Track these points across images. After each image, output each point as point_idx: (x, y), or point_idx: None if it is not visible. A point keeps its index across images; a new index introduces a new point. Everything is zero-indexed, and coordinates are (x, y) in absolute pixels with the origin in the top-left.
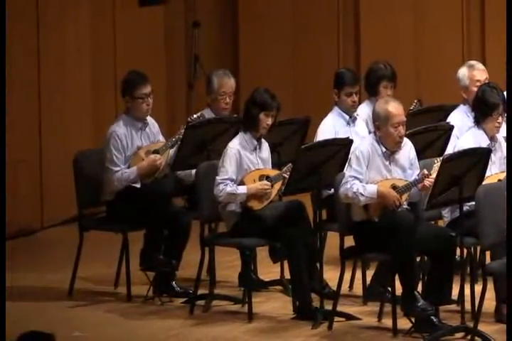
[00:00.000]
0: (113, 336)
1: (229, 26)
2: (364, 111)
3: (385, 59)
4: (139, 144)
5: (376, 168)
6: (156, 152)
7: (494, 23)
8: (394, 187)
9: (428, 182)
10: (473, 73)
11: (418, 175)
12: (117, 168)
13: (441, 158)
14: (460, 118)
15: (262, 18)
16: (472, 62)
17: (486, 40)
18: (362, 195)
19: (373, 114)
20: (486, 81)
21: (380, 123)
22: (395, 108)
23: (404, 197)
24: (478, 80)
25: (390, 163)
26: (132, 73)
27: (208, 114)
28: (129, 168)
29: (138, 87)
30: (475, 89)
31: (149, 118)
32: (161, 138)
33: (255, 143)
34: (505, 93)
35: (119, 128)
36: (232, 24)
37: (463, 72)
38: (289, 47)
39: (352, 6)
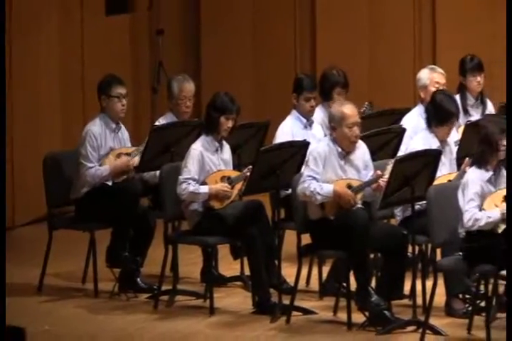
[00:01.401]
0: (81, 330)
1: (191, 33)
2: (318, 115)
3: (340, 64)
4: (111, 145)
5: (332, 168)
6: (127, 155)
7: (445, 30)
8: (349, 186)
9: (382, 182)
10: (434, 75)
11: (372, 175)
12: (91, 164)
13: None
14: (416, 118)
15: (224, 25)
16: (433, 65)
17: (436, 47)
18: (319, 193)
19: (329, 115)
20: (444, 86)
21: (335, 124)
22: (349, 109)
23: (359, 196)
24: (437, 82)
25: (345, 164)
26: (110, 75)
27: (170, 118)
28: (100, 166)
29: (114, 86)
30: (433, 89)
31: (122, 125)
32: (129, 144)
33: (217, 145)
34: (457, 97)
35: (95, 127)
36: (194, 31)
37: (424, 72)
38: (249, 54)
39: (308, 13)
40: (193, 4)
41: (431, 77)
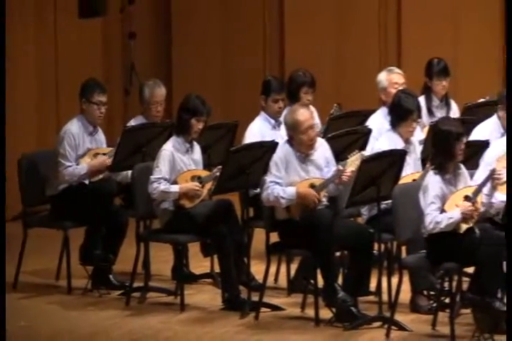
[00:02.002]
0: (55, 325)
1: (162, 37)
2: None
3: (307, 66)
4: (89, 146)
5: (294, 170)
6: (104, 155)
7: (410, 31)
8: (312, 186)
9: (344, 176)
10: (392, 76)
11: (334, 171)
12: (69, 163)
13: (356, 151)
14: (379, 120)
15: (194, 28)
16: (391, 67)
17: (402, 49)
18: (282, 197)
19: (284, 124)
20: (404, 85)
21: (290, 132)
22: (301, 115)
23: (322, 193)
24: (396, 83)
25: (306, 165)
26: (94, 80)
27: (140, 120)
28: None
29: (96, 93)
30: (393, 91)
31: (99, 128)
32: (105, 145)
33: (187, 145)
34: (420, 99)
35: (73, 127)
36: (165, 35)
37: (382, 75)
38: (218, 56)
39: (277, 16)
40: (164, 8)
41: (389, 79)
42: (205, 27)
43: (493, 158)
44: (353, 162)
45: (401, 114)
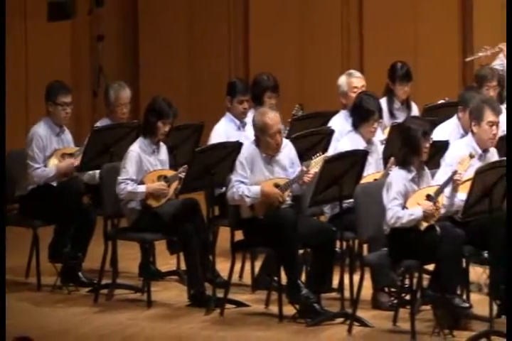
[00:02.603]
0: (25, 322)
1: (130, 40)
2: (251, 118)
3: (271, 68)
4: (56, 147)
5: (259, 170)
6: (71, 156)
7: (372, 36)
8: (276, 185)
9: (307, 177)
10: (352, 80)
11: (298, 172)
12: (38, 165)
13: (319, 153)
14: (340, 122)
15: (160, 31)
16: (351, 70)
17: (363, 52)
18: (247, 196)
19: (253, 124)
20: (363, 88)
21: (258, 133)
22: (270, 119)
23: (286, 193)
24: (355, 87)
25: (271, 165)
26: (58, 82)
27: (106, 123)
28: (45, 167)
29: (61, 95)
30: (353, 94)
31: (65, 128)
32: (73, 145)
33: (154, 147)
34: (382, 100)
35: (40, 130)
36: (132, 38)
37: (342, 79)
38: (184, 58)
39: (242, 20)
40: (131, 11)
41: (349, 83)
42: (171, 30)
43: (454, 159)
44: (317, 163)
45: (363, 115)
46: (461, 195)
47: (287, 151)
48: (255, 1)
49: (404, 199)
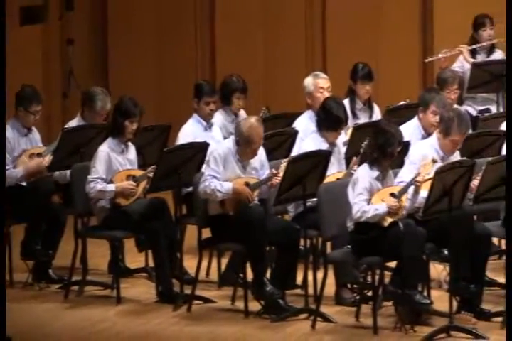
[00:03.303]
0: None
1: (99, 43)
2: (219, 118)
3: (237, 70)
4: (24, 147)
5: (231, 169)
6: (39, 155)
7: (334, 37)
8: (247, 184)
9: (275, 180)
10: (318, 81)
11: (267, 174)
12: (7, 167)
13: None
14: (305, 122)
15: (129, 34)
16: (317, 72)
17: (327, 53)
18: (219, 191)
19: (237, 129)
20: (329, 89)
21: (240, 140)
22: (257, 135)
23: (256, 193)
24: (321, 87)
25: (243, 166)
26: (31, 88)
27: (79, 121)
28: (14, 168)
29: (34, 104)
30: (319, 95)
31: (33, 128)
32: (41, 145)
33: (122, 146)
34: (344, 101)
35: (8, 132)
36: (102, 41)
37: (308, 80)
38: (152, 61)
39: (208, 23)
40: (101, 16)
41: (315, 83)
42: (139, 33)
43: (417, 157)
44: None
45: (331, 123)
46: (424, 193)
47: (259, 154)
48: (221, 4)
49: (369, 195)
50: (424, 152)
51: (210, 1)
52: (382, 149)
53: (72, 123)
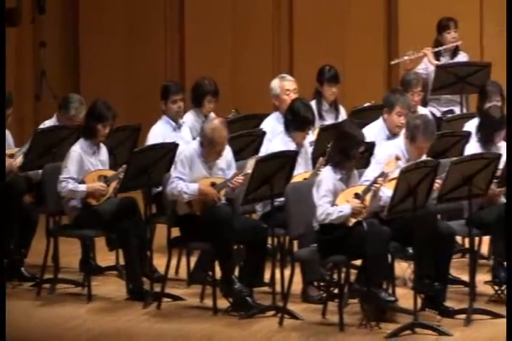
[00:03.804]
0: None
1: (71, 46)
2: (189, 119)
3: (206, 73)
4: None
5: (198, 170)
6: (11, 156)
7: (301, 40)
8: (213, 184)
9: (235, 182)
10: (284, 83)
11: (232, 174)
12: None
13: (255, 156)
14: (272, 124)
15: (100, 37)
16: (283, 74)
17: (293, 56)
18: (185, 193)
19: (202, 132)
20: (295, 91)
21: (204, 142)
22: (220, 137)
23: (222, 192)
24: (288, 89)
25: (209, 167)
26: (8, 96)
27: (54, 122)
28: None
29: (8, 108)
30: (285, 97)
31: (6, 130)
32: (13, 146)
33: (94, 148)
34: (311, 103)
35: None
36: (73, 43)
37: (275, 82)
38: (123, 63)
39: (177, 26)
40: (72, 19)
41: (281, 85)
42: (110, 36)
43: (383, 157)
44: (251, 165)
45: (299, 124)
46: (388, 191)
47: (225, 154)
48: (190, 7)
49: (333, 197)
50: (390, 152)
51: (179, 3)
52: (345, 152)
53: (48, 122)
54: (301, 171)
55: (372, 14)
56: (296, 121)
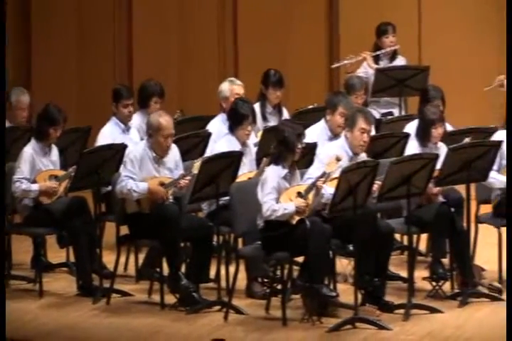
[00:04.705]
0: None
1: (23, 48)
2: (136, 121)
3: (153, 75)
4: None
5: (147, 169)
6: None
7: (245, 45)
8: (162, 184)
9: (182, 182)
10: (234, 87)
11: (179, 175)
12: None
13: (200, 158)
14: (217, 125)
15: (51, 40)
16: (232, 78)
17: (238, 60)
18: (135, 191)
19: (148, 123)
20: (243, 95)
21: (152, 132)
22: (166, 121)
23: (170, 191)
24: (237, 93)
25: (158, 166)
26: None
27: (6, 124)
28: None
29: None
30: (233, 100)
31: None
32: None
33: (46, 149)
34: (255, 105)
35: None
36: (25, 46)
37: (225, 85)
38: (73, 66)
39: (125, 29)
40: (23, 20)
41: (231, 89)
42: (61, 39)
43: (326, 156)
44: (198, 166)
45: (237, 119)
46: (330, 189)
47: (173, 154)
48: (138, 11)
49: (277, 194)
50: (333, 152)
51: (127, 7)
52: (285, 144)
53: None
54: (245, 171)
55: (314, 19)
56: (235, 116)
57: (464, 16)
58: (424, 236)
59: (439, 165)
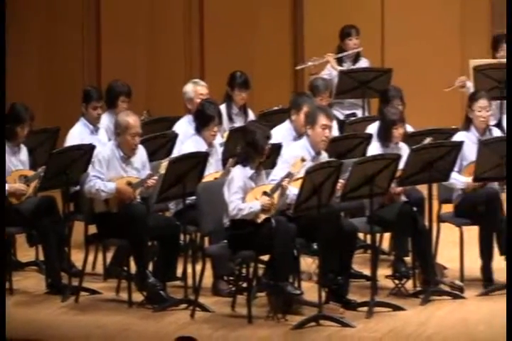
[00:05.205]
0: None
1: None
2: (104, 121)
3: (121, 77)
4: None
5: (114, 169)
6: None
7: (212, 47)
8: (129, 183)
9: (150, 181)
10: (197, 88)
11: (146, 175)
12: None
13: (167, 159)
14: (184, 126)
15: (17, 39)
16: (196, 79)
17: (205, 62)
18: (103, 191)
19: (115, 122)
20: (207, 95)
21: (120, 131)
22: (133, 120)
23: (138, 191)
24: (201, 94)
25: (126, 165)
26: None
27: None
28: None
29: None
30: (198, 100)
31: None
32: None
33: (15, 149)
34: (221, 106)
35: None
36: None
37: (189, 86)
38: (41, 66)
39: (94, 30)
40: None
41: (195, 90)
42: (28, 38)
43: (290, 157)
44: (165, 166)
45: (204, 120)
46: (295, 190)
47: (140, 155)
48: (106, 12)
49: (243, 194)
50: (296, 152)
51: (95, 7)
52: (253, 146)
53: None
54: (212, 171)
55: (279, 22)
56: (201, 117)
57: (427, 19)
58: (386, 235)
59: (401, 165)
